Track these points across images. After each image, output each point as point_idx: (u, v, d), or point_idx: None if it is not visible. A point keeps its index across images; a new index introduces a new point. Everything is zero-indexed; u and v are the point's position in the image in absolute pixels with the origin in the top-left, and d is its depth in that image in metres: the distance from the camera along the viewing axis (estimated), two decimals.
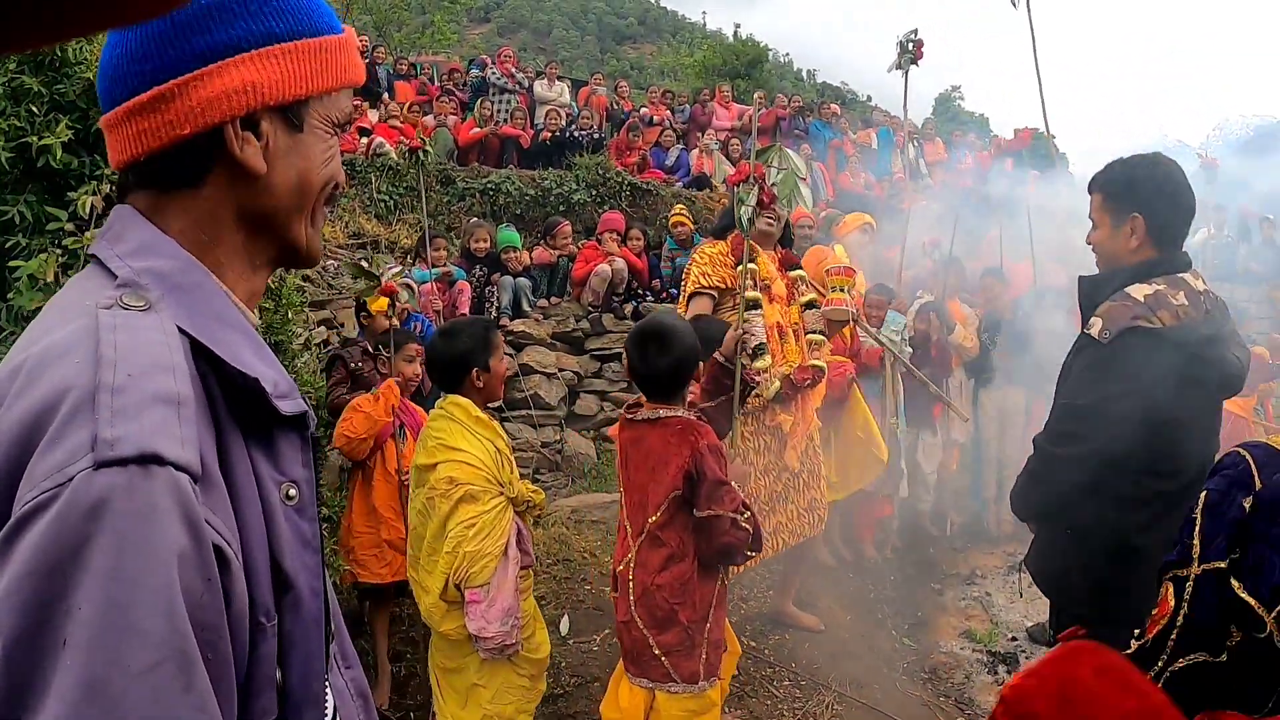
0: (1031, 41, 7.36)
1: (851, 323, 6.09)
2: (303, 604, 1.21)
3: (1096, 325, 2.99)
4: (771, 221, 5.55)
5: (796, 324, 5.57)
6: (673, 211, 11.85)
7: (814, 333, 5.61)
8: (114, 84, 1.23)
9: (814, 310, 5.68)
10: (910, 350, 7.76)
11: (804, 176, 5.22)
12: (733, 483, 3.56)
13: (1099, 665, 1.63)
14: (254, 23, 1.22)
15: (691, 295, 5.24)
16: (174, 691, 0.94)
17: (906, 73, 7.41)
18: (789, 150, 5.29)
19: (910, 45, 7.24)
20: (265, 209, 1.30)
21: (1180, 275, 3.07)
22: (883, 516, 7.72)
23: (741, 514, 3.46)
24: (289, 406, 1.22)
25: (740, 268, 5.05)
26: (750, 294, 5.04)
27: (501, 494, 3.77)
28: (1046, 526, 3.34)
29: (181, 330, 1.13)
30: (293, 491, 1.22)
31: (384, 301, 5.90)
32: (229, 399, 1.16)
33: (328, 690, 1.34)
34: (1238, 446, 1.88)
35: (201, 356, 1.14)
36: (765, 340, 5.11)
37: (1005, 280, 8.67)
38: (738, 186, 5.21)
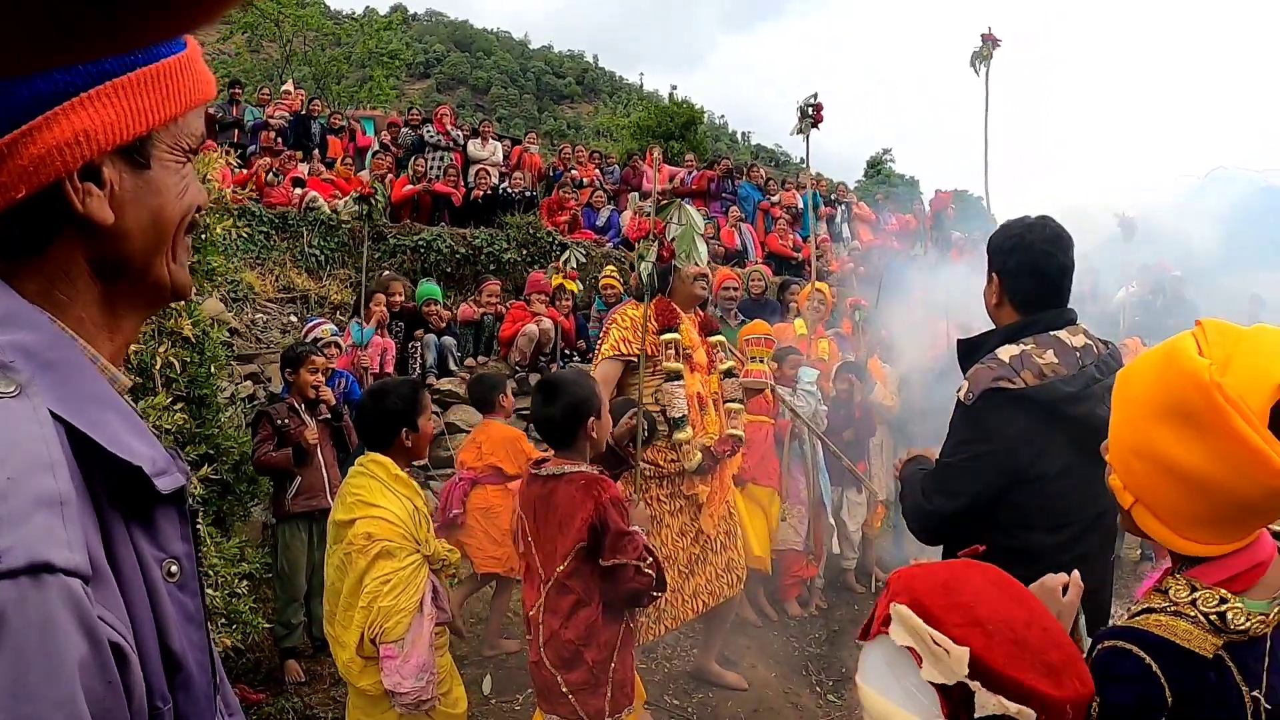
0: (985, 106, 7.58)
1: (769, 391, 6.19)
2: (193, 681, 1.18)
3: (964, 387, 3.06)
4: (704, 286, 5.65)
5: (716, 393, 5.63)
6: (603, 272, 11.92)
7: (732, 401, 5.69)
8: None
9: (733, 379, 5.78)
10: (824, 408, 7.90)
11: (702, 231, 5.26)
12: (636, 528, 3.74)
13: (995, 578, 1.61)
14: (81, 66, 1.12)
15: (605, 359, 5.21)
16: None
17: (808, 136, 7.57)
18: (688, 206, 5.34)
19: (810, 110, 7.40)
20: (120, 257, 1.21)
21: (1054, 333, 3.12)
22: (807, 576, 7.79)
23: (644, 560, 3.63)
24: (167, 484, 1.16)
25: (643, 327, 5.10)
26: (670, 365, 5.15)
27: (417, 551, 3.83)
28: None
29: (55, 415, 1.05)
30: (174, 568, 1.18)
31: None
32: (107, 483, 1.10)
33: None
34: (1128, 641, 1.76)
35: (77, 440, 1.06)
36: (686, 412, 5.16)
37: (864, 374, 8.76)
38: (638, 243, 5.29)
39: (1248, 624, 1.69)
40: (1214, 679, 1.69)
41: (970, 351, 3.26)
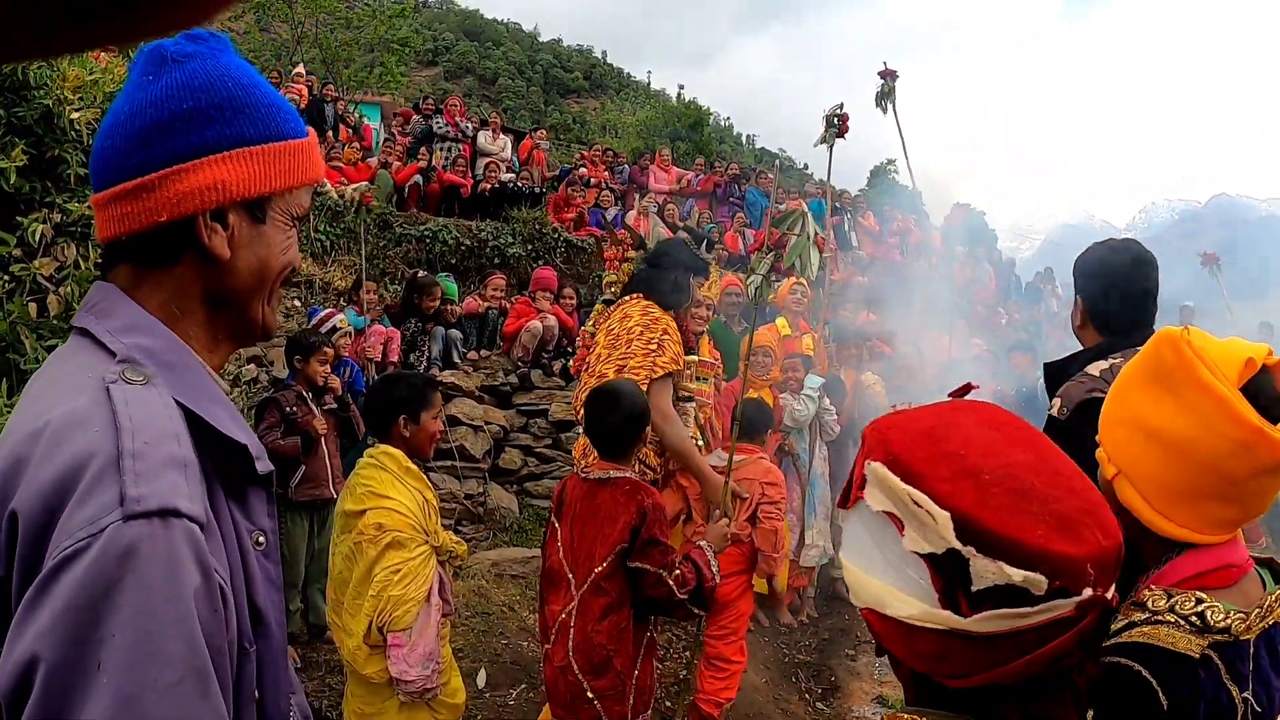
0: (900, 139, 7.70)
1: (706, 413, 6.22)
2: (272, 634, 1.41)
3: (1057, 404, 3.07)
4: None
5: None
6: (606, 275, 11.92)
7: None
8: (104, 170, 1.40)
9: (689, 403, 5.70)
10: (831, 415, 7.97)
11: (820, 235, 5.15)
12: (700, 542, 4.04)
13: (989, 417, 1.31)
14: (228, 128, 1.40)
15: (666, 373, 4.90)
16: (195, 699, 1.15)
17: (831, 146, 7.57)
18: (808, 215, 5.19)
19: (836, 120, 7.39)
20: (228, 290, 1.47)
21: (1135, 348, 3.01)
22: (799, 585, 7.85)
23: (669, 572, 3.69)
24: (263, 466, 1.42)
25: (743, 346, 5.22)
26: (691, 386, 5.25)
27: (426, 543, 3.90)
28: None
29: (177, 402, 1.31)
30: (261, 539, 1.42)
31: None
32: (215, 461, 1.34)
33: (293, 708, 1.53)
34: (1119, 657, 1.81)
35: (194, 425, 1.31)
36: (694, 433, 5.25)
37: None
38: (753, 255, 5.33)
39: (1227, 621, 1.75)
40: (1204, 678, 1.74)
41: (1058, 373, 3.30)
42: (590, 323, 6.05)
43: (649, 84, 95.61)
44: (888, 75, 8.01)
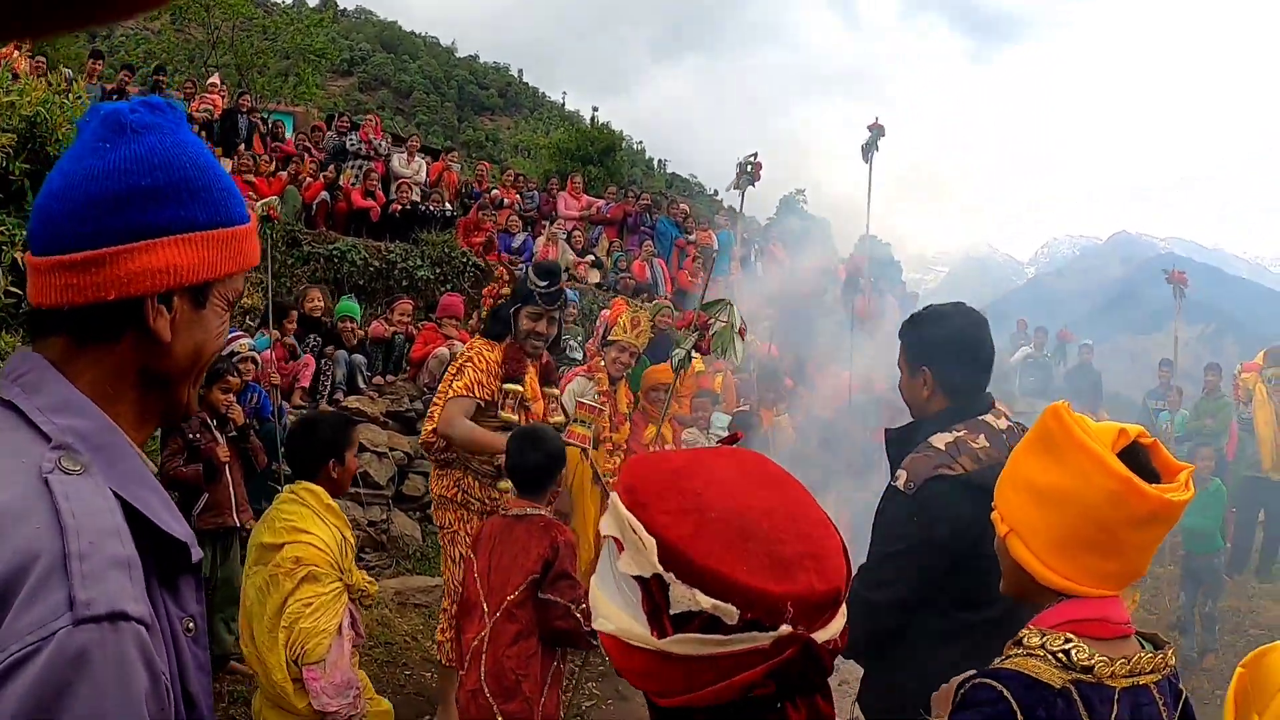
0: (868, 190, 7.89)
1: (585, 457, 6.29)
2: (203, 718, 1.43)
3: (902, 477, 3.07)
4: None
5: None
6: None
7: None
8: (50, 233, 1.38)
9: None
10: None
11: (741, 328, 5.33)
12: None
13: (747, 464, 1.36)
14: (183, 210, 1.40)
15: (458, 395, 5.25)
16: None
17: (743, 192, 7.70)
18: (734, 305, 5.44)
19: (749, 167, 7.52)
20: (163, 372, 1.46)
21: (981, 418, 3.19)
22: None
23: (577, 605, 3.93)
24: (196, 555, 1.44)
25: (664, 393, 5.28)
26: (507, 416, 5.29)
27: (340, 579, 3.99)
28: (872, 664, 3.42)
29: (114, 491, 1.31)
30: (191, 625, 1.42)
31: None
32: (150, 552, 1.34)
33: None
34: (986, 678, 1.98)
35: (129, 514, 1.32)
36: None
37: None
38: (681, 330, 5.42)
39: (1091, 662, 1.93)
40: (1061, 706, 1.92)
41: (900, 442, 3.31)
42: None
43: (564, 105, 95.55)
44: (875, 129, 8.18)
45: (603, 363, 7.04)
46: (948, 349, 3.28)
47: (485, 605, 4.03)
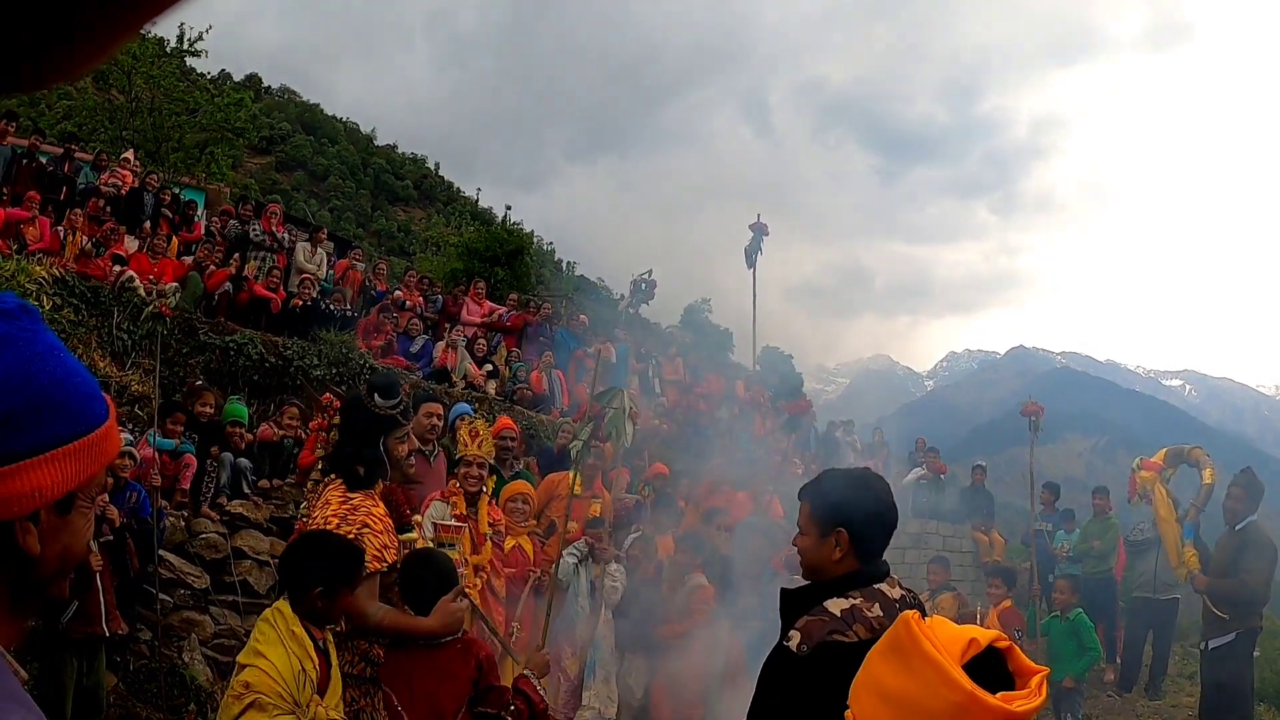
0: (753, 295, 8.18)
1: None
2: None
3: (795, 638, 3.08)
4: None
5: None
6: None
7: None
8: None
9: None
10: (617, 579, 8.14)
11: (632, 411, 5.40)
12: (526, 672, 4.46)
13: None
14: (44, 430, 1.36)
15: (366, 576, 4.25)
16: None
17: (637, 309, 7.89)
18: (625, 392, 5.59)
19: (644, 285, 7.67)
20: (33, 580, 1.42)
21: (877, 586, 3.24)
22: None
23: (507, 709, 4.16)
24: None
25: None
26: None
27: (293, 713, 3.68)
28: None
29: None
30: None
31: None
32: None
33: None
34: None
35: None
36: None
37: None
38: (577, 424, 5.46)
39: None
40: None
41: (794, 602, 3.30)
42: (304, 506, 5.61)
43: (478, 200, 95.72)
44: (758, 228, 8.17)
45: (457, 484, 6.95)
46: (866, 512, 3.33)
47: None
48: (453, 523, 6.38)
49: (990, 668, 2.09)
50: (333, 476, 4.67)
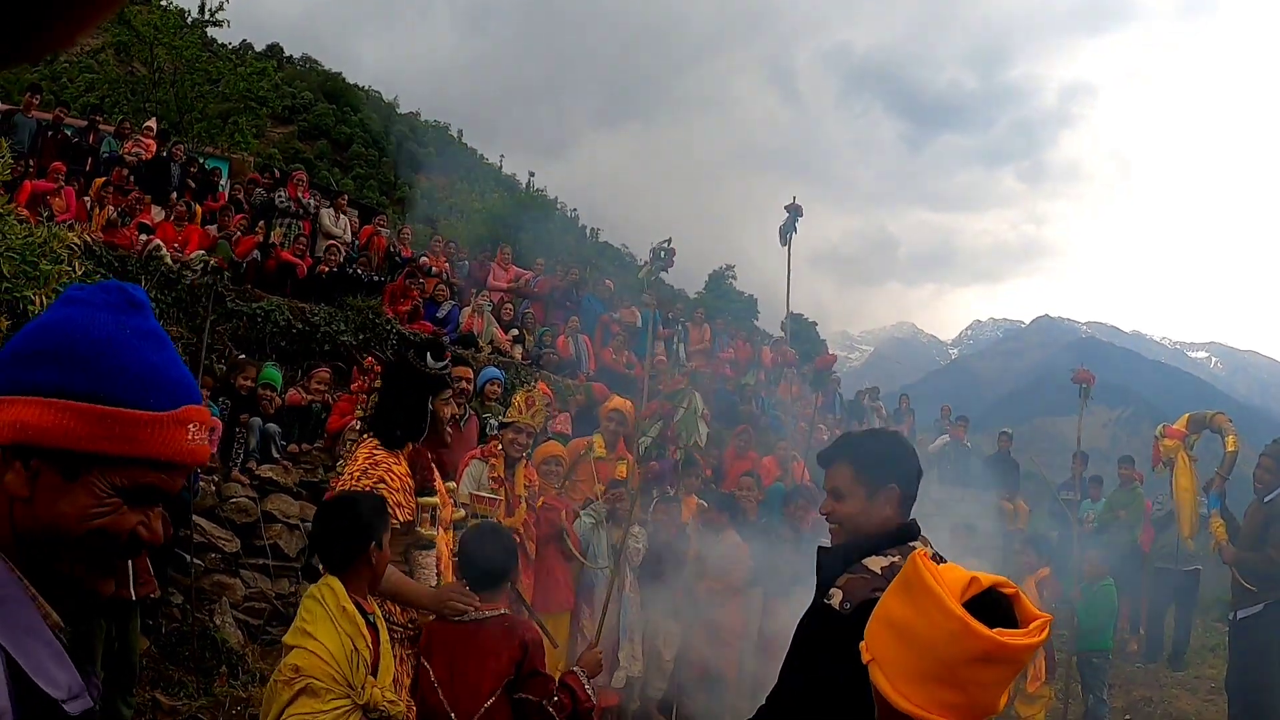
0: (788, 274, 8.08)
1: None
2: None
3: (837, 596, 3.08)
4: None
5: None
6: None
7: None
8: None
9: (460, 530, 5.21)
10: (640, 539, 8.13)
11: (704, 413, 5.27)
12: (576, 669, 4.32)
13: None
14: (53, 374, 1.39)
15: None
16: None
17: (656, 277, 7.79)
18: (696, 393, 5.44)
19: (663, 253, 7.58)
20: (30, 532, 1.41)
21: (912, 544, 3.21)
22: (605, 705, 7.94)
23: (549, 699, 4.03)
24: (76, 707, 1.40)
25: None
26: (427, 532, 4.69)
27: (349, 697, 3.55)
28: None
29: None
30: None
31: None
32: (32, 700, 1.34)
33: None
34: None
35: (12, 662, 1.31)
36: (435, 583, 4.78)
37: None
38: (643, 421, 5.35)
39: None
40: None
41: (833, 561, 3.29)
42: (339, 463, 5.70)
43: (501, 167, 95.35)
44: (793, 209, 8.06)
45: (500, 446, 7.07)
46: (913, 470, 3.37)
47: (453, 715, 4.03)
48: (488, 495, 6.33)
49: (998, 613, 2.16)
50: (369, 434, 4.74)
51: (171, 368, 1.51)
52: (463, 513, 5.51)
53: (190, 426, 1.51)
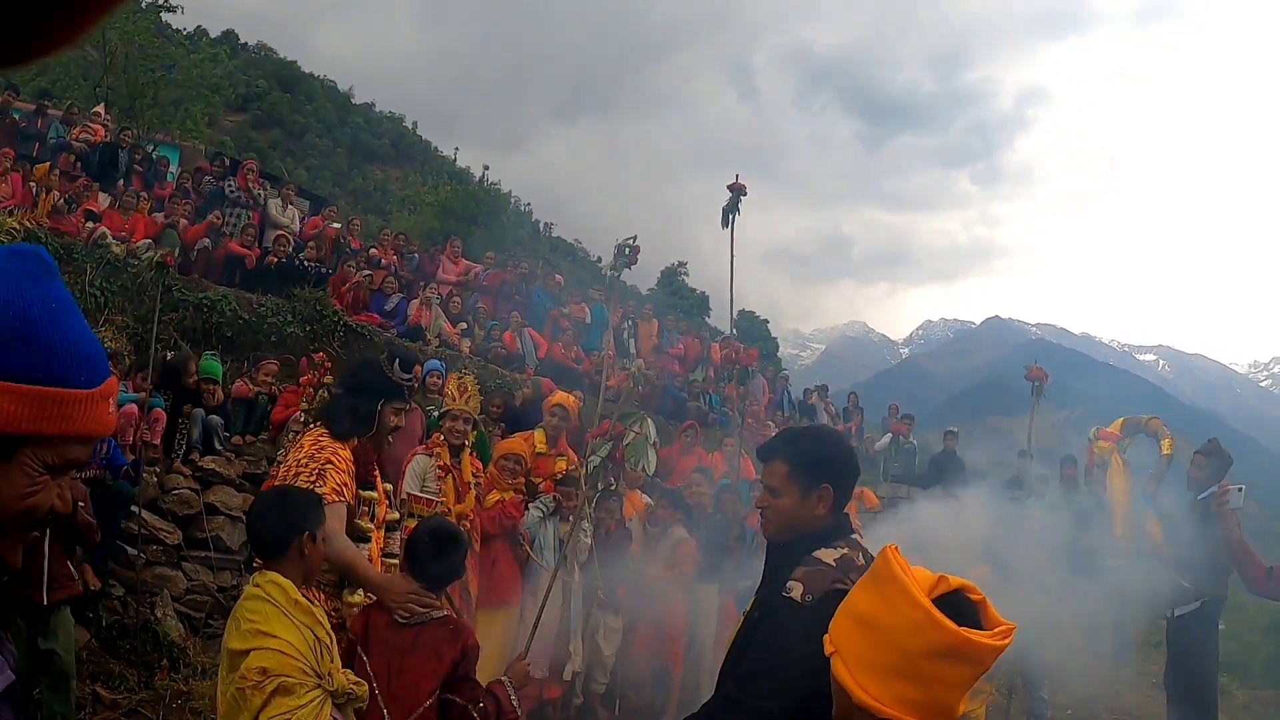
0: (730, 256, 8.12)
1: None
2: None
3: (797, 589, 3.10)
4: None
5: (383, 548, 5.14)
6: None
7: (390, 556, 5.08)
8: None
9: (395, 533, 5.32)
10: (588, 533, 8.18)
11: (655, 441, 5.32)
12: (504, 679, 4.31)
13: None
14: None
15: (333, 502, 4.41)
16: None
17: (620, 274, 7.80)
18: (649, 418, 5.47)
19: (627, 250, 7.56)
20: None
21: (853, 537, 3.32)
22: (548, 697, 7.97)
23: (475, 705, 4.03)
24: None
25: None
26: (364, 525, 4.79)
27: (320, 686, 3.56)
28: None
29: None
30: None
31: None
32: None
33: None
34: None
35: None
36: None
37: None
38: (592, 441, 5.39)
39: None
40: None
41: (785, 553, 3.33)
42: (280, 453, 5.79)
43: (455, 160, 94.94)
44: (736, 188, 8.01)
45: (441, 436, 7.13)
46: (847, 466, 3.43)
47: (386, 711, 3.97)
48: (425, 496, 6.42)
49: (965, 615, 2.18)
50: (316, 423, 4.84)
51: (88, 339, 1.49)
52: (398, 515, 5.52)
53: (110, 399, 1.52)
